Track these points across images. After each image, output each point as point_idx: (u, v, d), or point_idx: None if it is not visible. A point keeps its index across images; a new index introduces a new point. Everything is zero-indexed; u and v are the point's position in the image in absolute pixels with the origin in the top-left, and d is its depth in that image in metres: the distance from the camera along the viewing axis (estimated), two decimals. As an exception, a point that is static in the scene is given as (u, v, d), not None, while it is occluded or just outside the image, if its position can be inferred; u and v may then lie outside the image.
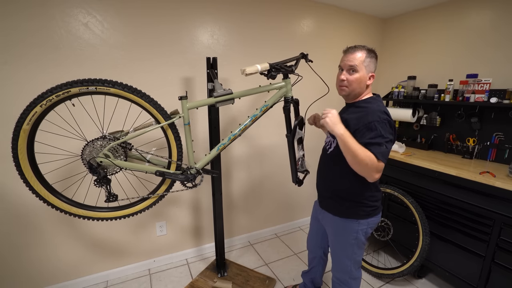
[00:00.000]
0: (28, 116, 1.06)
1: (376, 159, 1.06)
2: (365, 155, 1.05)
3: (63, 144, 1.56)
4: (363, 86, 1.21)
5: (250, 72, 1.20)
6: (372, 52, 1.20)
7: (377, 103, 1.18)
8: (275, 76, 1.30)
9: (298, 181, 1.48)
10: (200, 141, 2.03)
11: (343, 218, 1.28)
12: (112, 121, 1.57)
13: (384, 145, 1.08)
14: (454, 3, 2.16)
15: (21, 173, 1.12)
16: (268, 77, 1.30)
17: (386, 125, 1.10)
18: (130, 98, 1.17)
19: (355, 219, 1.26)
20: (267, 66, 1.26)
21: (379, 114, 1.11)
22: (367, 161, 1.05)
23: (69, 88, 1.06)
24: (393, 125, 1.14)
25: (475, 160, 2.00)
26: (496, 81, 1.91)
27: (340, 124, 1.10)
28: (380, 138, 1.08)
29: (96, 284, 1.88)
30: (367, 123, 1.10)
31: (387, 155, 1.10)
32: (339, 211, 1.30)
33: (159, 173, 1.30)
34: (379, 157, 1.06)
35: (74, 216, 1.27)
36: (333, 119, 1.11)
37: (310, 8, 2.26)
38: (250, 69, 1.21)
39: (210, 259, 2.18)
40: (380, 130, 1.08)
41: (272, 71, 1.28)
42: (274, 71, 1.28)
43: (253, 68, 1.22)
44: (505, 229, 1.50)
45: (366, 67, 1.18)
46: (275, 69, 1.28)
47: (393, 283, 1.95)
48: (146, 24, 1.69)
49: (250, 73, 1.20)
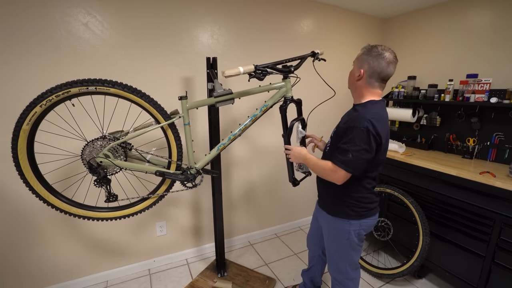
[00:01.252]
0: (28, 116, 1.06)
1: (332, 165, 1.13)
2: (321, 166, 1.18)
3: (63, 144, 1.56)
4: (354, 82, 1.22)
5: (230, 74, 1.16)
6: (370, 50, 1.15)
7: (369, 109, 1.14)
8: (262, 78, 1.24)
9: (294, 180, 1.47)
10: (200, 141, 2.03)
11: (334, 217, 1.29)
12: (112, 121, 1.57)
13: (351, 153, 1.08)
14: (454, 3, 2.16)
15: (21, 173, 1.12)
16: (256, 78, 1.25)
17: (364, 133, 1.07)
18: (130, 98, 1.17)
19: (346, 219, 1.26)
20: (252, 68, 1.22)
21: (362, 121, 1.08)
22: (324, 170, 1.17)
23: (69, 88, 1.06)
24: (375, 134, 1.08)
25: (475, 160, 2.00)
26: (496, 81, 1.91)
27: (301, 154, 1.28)
28: (350, 145, 1.08)
29: (96, 284, 1.88)
30: (347, 127, 1.13)
31: (352, 164, 1.09)
32: (330, 209, 1.31)
33: (159, 173, 1.30)
34: (336, 162, 1.11)
35: (74, 216, 1.27)
36: (295, 156, 1.30)
37: (310, 8, 2.26)
38: (229, 71, 1.16)
39: (210, 259, 2.18)
40: (353, 137, 1.08)
41: (257, 73, 1.23)
42: (259, 73, 1.23)
43: (234, 71, 1.17)
44: (505, 229, 1.50)
45: (358, 63, 1.19)
46: (260, 71, 1.23)
47: (393, 283, 1.95)
48: (146, 24, 1.69)
49: (229, 75, 1.16)
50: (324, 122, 2.55)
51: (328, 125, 2.61)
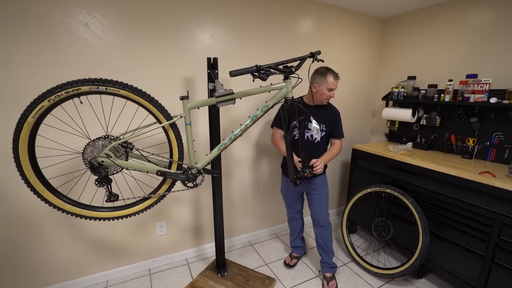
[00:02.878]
0: (35, 109, 1.05)
1: (340, 141, 1.86)
2: (336, 150, 1.82)
3: (65, 140, 1.57)
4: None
5: None
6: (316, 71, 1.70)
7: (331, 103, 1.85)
8: (266, 78, 1.27)
9: (295, 180, 1.48)
10: (201, 141, 2.03)
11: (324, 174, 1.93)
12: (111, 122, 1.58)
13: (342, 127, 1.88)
14: (454, 3, 2.16)
15: (19, 165, 1.10)
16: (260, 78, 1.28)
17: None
18: (138, 101, 1.17)
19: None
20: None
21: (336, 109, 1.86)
22: (339, 150, 1.84)
23: (80, 86, 1.07)
24: None
25: (475, 160, 2.00)
26: (495, 81, 1.92)
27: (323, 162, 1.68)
28: (341, 124, 1.86)
29: (96, 284, 1.88)
30: (335, 115, 1.83)
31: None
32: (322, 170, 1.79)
33: (160, 173, 1.30)
34: (342, 137, 1.87)
35: (76, 216, 1.27)
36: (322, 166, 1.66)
37: (310, 8, 2.26)
38: None
39: (210, 259, 2.18)
40: (340, 119, 1.85)
41: (260, 73, 1.26)
42: (262, 73, 1.26)
43: None
44: (505, 229, 1.51)
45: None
46: (264, 71, 1.26)
47: (393, 283, 1.95)
48: (146, 24, 1.69)
49: None
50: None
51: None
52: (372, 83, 2.87)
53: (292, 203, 2.04)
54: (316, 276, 2.01)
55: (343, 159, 2.89)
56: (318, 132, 1.55)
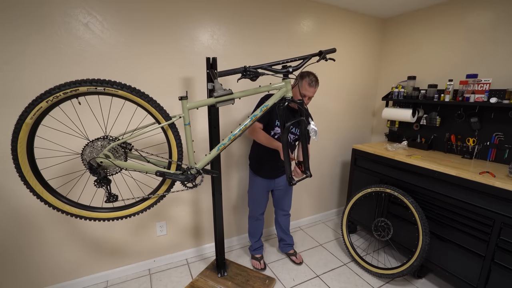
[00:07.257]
0: (33, 110, 1.05)
1: None
2: None
3: (64, 141, 1.57)
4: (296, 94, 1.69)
5: None
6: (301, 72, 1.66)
7: None
8: (254, 79, 1.29)
9: (290, 179, 1.44)
10: (200, 141, 2.03)
11: None
12: (110, 122, 1.58)
13: None
14: (454, 4, 2.16)
15: (17, 166, 1.10)
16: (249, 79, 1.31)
17: None
18: (136, 101, 1.17)
19: None
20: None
21: None
22: None
23: (78, 86, 1.06)
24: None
25: (475, 160, 2.00)
26: (495, 81, 1.91)
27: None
28: None
29: (96, 284, 1.88)
30: None
31: None
32: None
33: (160, 173, 1.30)
34: None
35: (76, 217, 1.27)
36: None
37: (310, 8, 2.26)
38: None
39: (210, 259, 2.18)
40: None
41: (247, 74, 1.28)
42: (249, 74, 1.28)
43: None
44: (505, 229, 1.50)
45: None
46: (250, 72, 1.28)
47: (393, 283, 1.95)
48: (146, 24, 1.69)
49: None
50: (334, 119, 2.61)
51: (338, 121, 2.71)
52: (372, 83, 2.87)
53: (262, 203, 2.05)
54: (316, 276, 2.01)
55: (343, 159, 2.89)
56: (316, 134, 1.51)
